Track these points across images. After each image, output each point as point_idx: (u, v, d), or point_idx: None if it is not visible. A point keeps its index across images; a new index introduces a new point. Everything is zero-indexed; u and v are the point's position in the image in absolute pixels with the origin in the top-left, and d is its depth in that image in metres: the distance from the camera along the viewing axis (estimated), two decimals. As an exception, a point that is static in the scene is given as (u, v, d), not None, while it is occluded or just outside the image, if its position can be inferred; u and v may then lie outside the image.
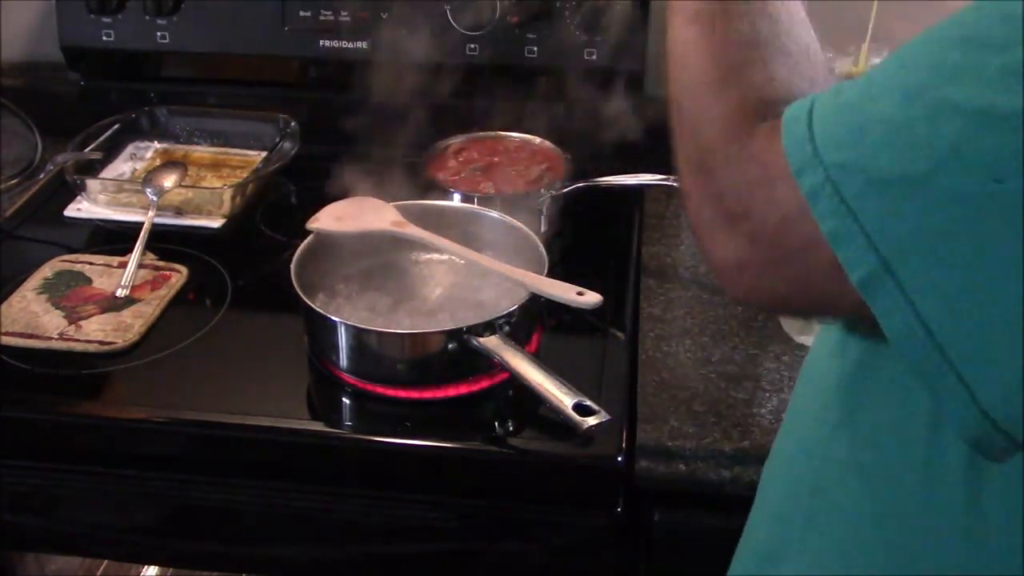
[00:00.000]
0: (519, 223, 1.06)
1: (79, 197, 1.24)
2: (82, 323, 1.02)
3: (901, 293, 0.49)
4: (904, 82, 0.50)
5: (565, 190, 1.17)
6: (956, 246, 0.47)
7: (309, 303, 0.94)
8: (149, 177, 1.23)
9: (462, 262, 1.06)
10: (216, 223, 1.21)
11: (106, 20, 1.39)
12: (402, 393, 0.95)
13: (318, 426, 0.95)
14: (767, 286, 0.57)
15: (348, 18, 1.36)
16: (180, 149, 1.37)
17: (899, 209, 0.49)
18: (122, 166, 1.32)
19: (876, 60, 1.15)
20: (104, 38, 1.40)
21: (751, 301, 0.60)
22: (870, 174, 0.49)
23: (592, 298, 0.94)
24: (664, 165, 1.29)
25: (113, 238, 1.19)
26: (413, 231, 1.04)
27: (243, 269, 1.13)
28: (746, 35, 0.60)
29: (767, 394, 0.96)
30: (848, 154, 0.50)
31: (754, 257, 0.56)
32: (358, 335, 0.94)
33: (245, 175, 1.28)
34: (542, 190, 1.16)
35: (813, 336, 0.77)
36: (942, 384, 0.49)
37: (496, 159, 1.22)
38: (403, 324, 0.99)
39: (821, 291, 0.54)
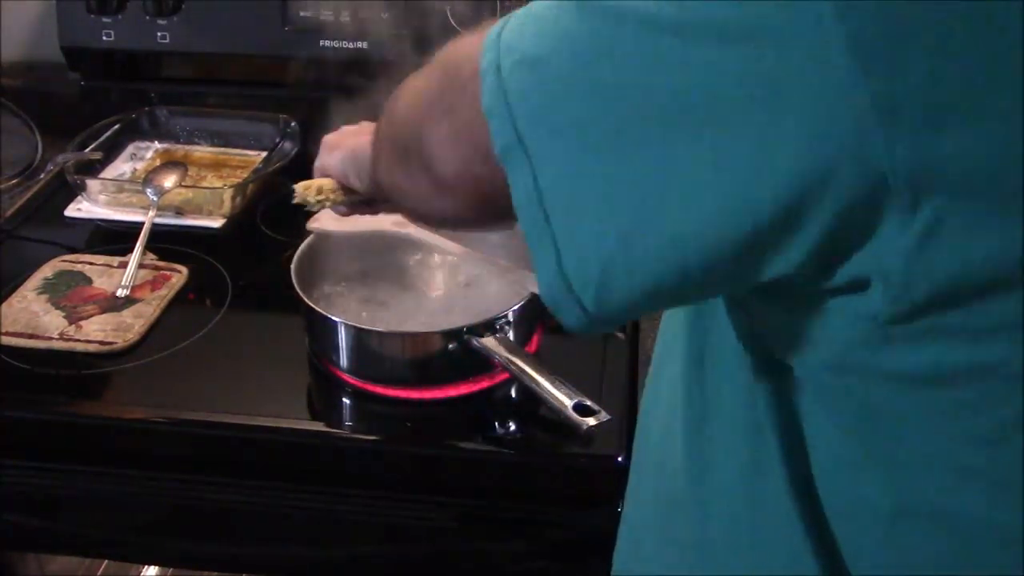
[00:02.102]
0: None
1: (79, 197, 1.24)
2: (82, 323, 1.03)
3: (527, 160, 0.52)
4: None
5: (565, 190, 1.17)
6: (564, 118, 0.51)
7: (309, 303, 0.94)
8: (149, 177, 1.23)
9: (462, 262, 1.07)
10: (216, 223, 1.21)
11: (106, 20, 1.39)
12: (402, 393, 0.95)
13: (318, 426, 0.95)
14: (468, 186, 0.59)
15: (348, 18, 1.36)
16: (180, 149, 1.37)
17: (532, 85, 0.52)
18: (122, 166, 1.32)
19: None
20: (104, 38, 1.40)
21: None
22: (517, 55, 0.53)
23: None
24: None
25: (113, 238, 1.19)
26: (413, 231, 1.04)
27: (243, 269, 1.13)
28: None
29: (767, 394, 0.96)
30: (511, 39, 0.54)
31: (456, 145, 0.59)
32: (358, 335, 0.94)
33: (245, 175, 1.28)
34: (542, 190, 1.16)
35: None
36: (540, 246, 0.53)
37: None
38: (403, 324, 0.99)
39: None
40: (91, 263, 1.13)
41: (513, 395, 0.96)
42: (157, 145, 1.37)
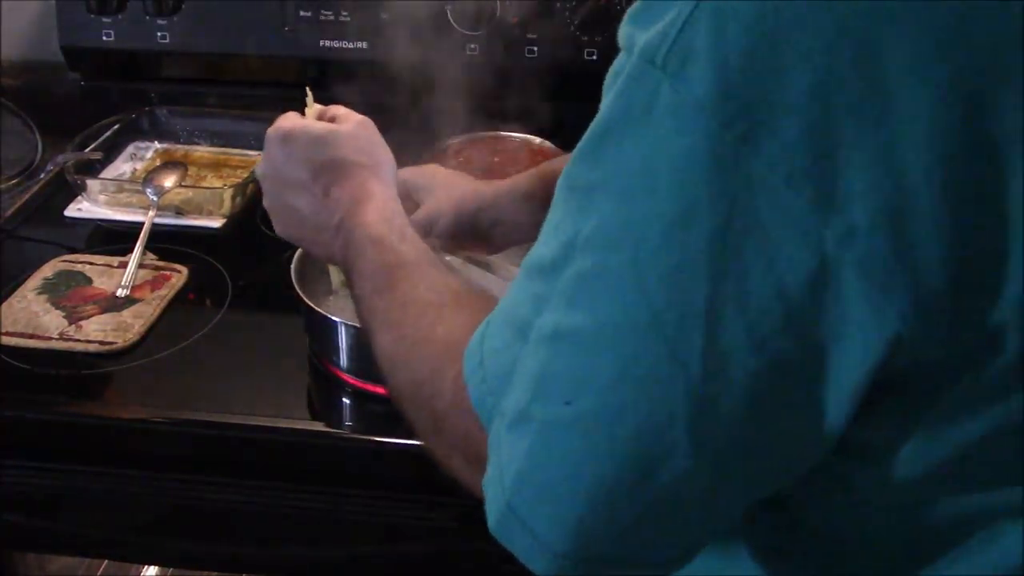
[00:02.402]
0: (519, 223, 1.06)
1: (79, 197, 1.24)
2: (82, 323, 1.02)
3: (525, 529, 0.51)
4: (514, 317, 0.53)
5: (565, 190, 1.17)
6: (552, 475, 0.49)
7: (309, 303, 0.94)
8: (149, 177, 1.23)
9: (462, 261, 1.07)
10: (216, 223, 1.21)
11: (106, 20, 1.39)
12: (402, 393, 0.95)
13: (318, 426, 0.94)
14: None
15: (348, 18, 1.36)
16: (180, 149, 1.37)
17: (515, 446, 0.51)
18: (122, 166, 1.32)
19: None
20: (104, 38, 1.40)
21: None
22: (506, 416, 0.51)
23: None
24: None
25: (113, 238, 1.19)
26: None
27: (243, 269, 1.13)
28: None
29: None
30: (500, 399, 0.53)
31: None
32: (358, 335, 0.93)
33: (245, 175, 1.27)
34: (542, 190, 1.16)
35: None
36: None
37: (496, 159, 1.22)
38: (403, 324, 0.98)
39: None
40: (91, 263, 1.13)
41: (513, 395, 0.96)
42: (157, 145, 1.37)
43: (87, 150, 1.29)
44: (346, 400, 0.97)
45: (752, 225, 0.44)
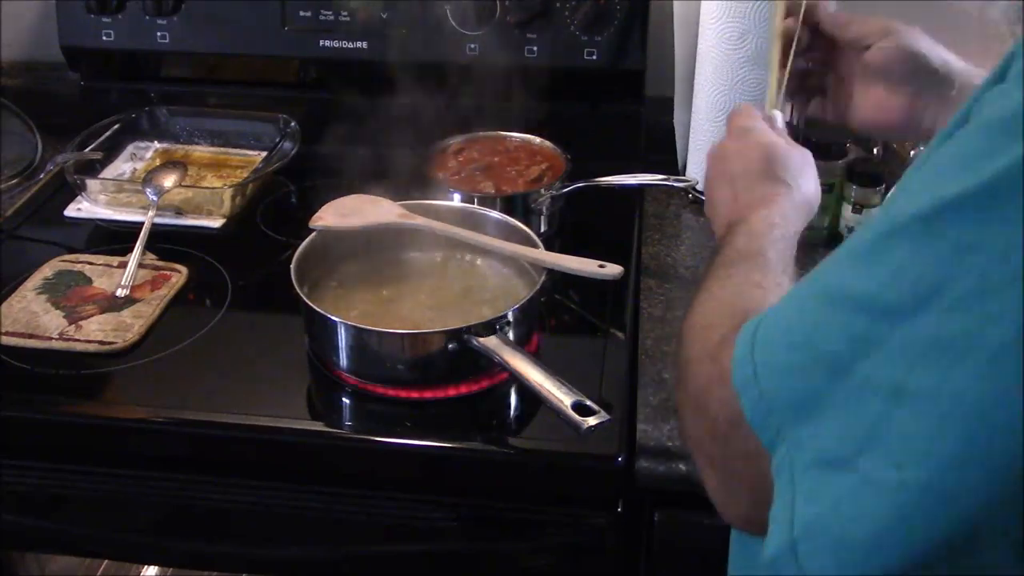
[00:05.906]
0: (519, 223, 1.06)
1: (79, 197, 1.24)
2: (82, 323, 1.03)
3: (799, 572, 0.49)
4: (814, 343, 0.50)
5: (565, 190, 1.17)
6: (851, 533, 0.47)
7: (309, 303, 0.94)
8: (149, 177, 1.23)
9: (461, 261, 1.07)
10: (216, 223, 1.21)
11: (106, 20, 1.39)
12: (402, 393, 0.95)
13: (318, 426, 0.95)
14: (732, 499, 0.58)
15: (348, 18, 1.36)
16: (180, 149, 1.37)
17: (820, 490, 0.49)
18: (122, 166, 1.32)
19: None
20: (104, 38, 1.40)
21: (729, 520, 0.61)
22: (806, 451, 0.50)
23: (614, 269, 0.95)
24: (664, 165, 1.29)
25: (113, 238, 1.19)
26: (421, 220, 1.04)
27: (243, 269, 1.13)
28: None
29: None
30: (793, 427, 0.51)
31: (715, 459, 0.57)
32: (358, 335, 0.94)
33: (245, 175, 1.27)
34: (542, 190, 1.16)
35: None
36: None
37: (496, 159, 1.22)
38: (403, 324, 0.99)
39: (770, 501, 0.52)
40: (91, 263, 1.13)
41: (513, 395, 0.96)
42: (157, 145, 1.37)
43: (87, 150, 1.29)
44: (346, 400, 0.97)
45: None
